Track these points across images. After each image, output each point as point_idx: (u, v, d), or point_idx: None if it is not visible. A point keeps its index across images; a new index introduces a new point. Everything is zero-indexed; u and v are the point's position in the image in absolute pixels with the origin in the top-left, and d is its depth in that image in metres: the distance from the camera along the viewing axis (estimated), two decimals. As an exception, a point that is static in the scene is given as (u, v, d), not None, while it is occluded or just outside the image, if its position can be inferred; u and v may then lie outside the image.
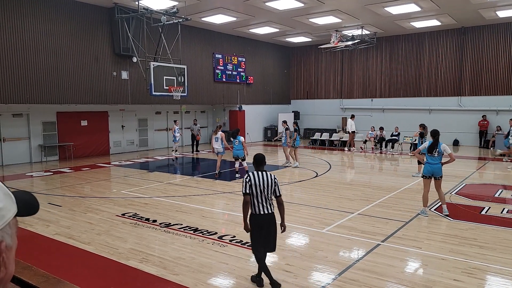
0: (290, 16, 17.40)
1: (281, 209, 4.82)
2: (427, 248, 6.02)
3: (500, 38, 19.29)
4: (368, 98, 23.46)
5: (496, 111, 19.44)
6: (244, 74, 22.70)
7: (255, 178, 4.71)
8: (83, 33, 15.08)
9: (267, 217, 4.72)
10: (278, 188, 4.76)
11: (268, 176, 4.76)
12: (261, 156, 4.92)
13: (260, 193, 4.69)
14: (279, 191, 4.77)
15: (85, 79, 15.24)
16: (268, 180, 4.72)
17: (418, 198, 9.31)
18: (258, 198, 4.71)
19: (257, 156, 4.91)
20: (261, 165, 4.88)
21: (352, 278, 4.95)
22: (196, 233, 6.74)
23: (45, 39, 13.99)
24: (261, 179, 4.71)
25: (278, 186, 4.77)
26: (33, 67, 13.78)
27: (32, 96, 13.85)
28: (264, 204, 4.71)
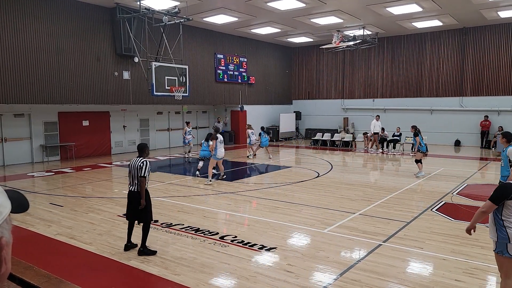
0: (292, 16, 17.41)
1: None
2: (428, 248, 6.01)
3: (501, 38, 19.26)
4: (370, 98, 23.43)
5: (498, 111, 19.40)
6: (245, 74, 22.71)
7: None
8: (84, 33, 15.12)
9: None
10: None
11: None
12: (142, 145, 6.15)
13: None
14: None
15: (86, 79, 15.27)
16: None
17: (419, 199, 9.30)
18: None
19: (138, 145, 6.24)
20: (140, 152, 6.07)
21: (354, 278, 4.95)
22: (197, 233, 6.74)
23: (46, 39, 14.03)
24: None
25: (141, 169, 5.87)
26: (35, 67, 13.81)
27: (33, 96, 13.89)
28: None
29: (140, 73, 15.34)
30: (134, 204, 5.85)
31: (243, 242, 6.28)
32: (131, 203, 5.90)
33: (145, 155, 6.04)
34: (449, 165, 14.40)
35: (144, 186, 5.79)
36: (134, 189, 5.86)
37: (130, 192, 5.93)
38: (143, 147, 6.08)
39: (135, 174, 5.83)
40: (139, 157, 5.93)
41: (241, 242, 6.30)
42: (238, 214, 8.16)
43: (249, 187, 10.86)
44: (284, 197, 9.49)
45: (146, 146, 6.14)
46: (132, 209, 5.89)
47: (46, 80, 14.11)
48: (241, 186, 10.94)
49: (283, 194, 9.83)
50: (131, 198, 5.92)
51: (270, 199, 9.32)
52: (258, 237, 6.54)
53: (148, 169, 5.83)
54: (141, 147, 6.07)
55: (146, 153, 6.08)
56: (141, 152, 6.02)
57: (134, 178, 5.84)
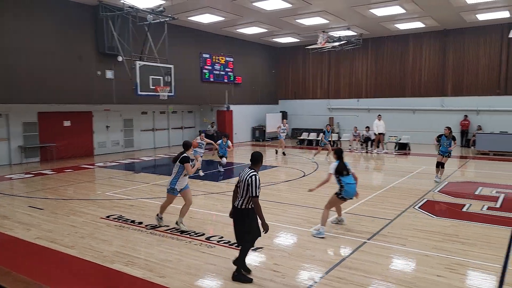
0: (278, 16, 17.45)
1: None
2: (411, 245, 6.11)
3: (480, 40, 19.72)
4: (355, 98, 23.69)
5: (477, 111, 19.86)
6: (232, 74, 22.66)
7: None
8: (66, 31, 14.81)
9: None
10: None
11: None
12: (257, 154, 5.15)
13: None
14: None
15: (68, 79, 14.96)
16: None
17: (403, 197, 9.45)
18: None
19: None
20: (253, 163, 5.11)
21: (339, 276, 5.00)
22: (183, 235, 6.69)
23: (26, 37, 13.68)
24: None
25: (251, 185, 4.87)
26: (14, 66, 13.46)
27: (12, 96, 13.52)
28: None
29: (124, 73, 15.12)
30: (237, 221, 5.03)
31: (229, 242, 6.26)
32: (234, 222, 5.07)
33: (258, 167, 5.04)
34: (431, 163, 14.65)
35: (259, 206, 4.84)
36: (237, 205, 4.98)
37: (235, 208, 5.04)
38: (258, 158, 5.04)
39: (244, 189, 4.86)
40: (250, 169, 4.97)
41: (228, 242, 6.27)
42: (224, 215, 8.11)
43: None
44: (270, 196, 9.50)
45: (261, 157, 5.10)
46: (236, 229, 5.06)
47: (26, 79, 13.77)
48: (228, 186, 10.90)
49: (270, 193, 9.84)
50: (233, 215, 5.07)
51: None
52: (244, 237, 6.52)
53: (259, 184, 4.87)
54: (255, 158, 5.04)
55: (258, 165, 5.06)
56: (254, 162, 5.04)
57: (242, 192, 4.90)
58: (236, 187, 5.06)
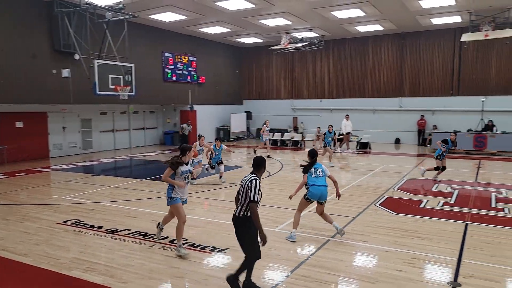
0: (241, 16, 17.44)
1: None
2: (373, 241, 6.28)
3: (435, 43, 20.73)
4: (317, 98, 24.14)
5: (432, 111, 20.86)
6: (195, 73, 22.38)
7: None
8: (18, 27, 13.99)
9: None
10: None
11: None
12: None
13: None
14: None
15: (20, 77, 14.13)
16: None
17: (365, 194, 9.71)
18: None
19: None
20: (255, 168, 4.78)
21: (304, 275, 5.04)
22: (146, 238, 6.50)
23: (-27, 33, 12.81)
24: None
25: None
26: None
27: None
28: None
29: (81, 71, 14.50)
30: (236, 231, 4.66)
31: (194, 244, 6.16)
32: (236, 231, 4.68)
33: (260, 172, 4.74)
34: (390, 162, 15.23)
35: (256, 212, 4.46)
36: (236, 213, 4.64)
37: (233, 216, 4.69)
38: (260, 163, 4.75)
39: (244, 194, 4.57)
40: (252, 174, 4.67)
41: (192, 245, 6.17)
42: (189, 216, 7.95)
43: (200, 188, 10.70)
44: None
45: (264, 162, 4.80)
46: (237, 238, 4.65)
47: (-26, 78, 12.88)
48: (192, 188, 10.73)
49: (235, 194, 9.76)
50: (234, 222, 4.69)
51: (221, 199, 9.25)
52: (210, 239, 6.45)
53: (259, 190, 4.54)
54: (257, 162, 4.75)
55: (260, 171, 4.75)
56: (256, 167, 4.73)
57: (242, 198, 4.60)
58: (238, 194, 4.72)
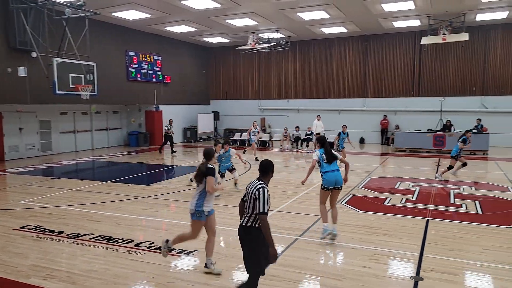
0: (207, 16, 17.29)
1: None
2: (339, 239, 6.39)
3: (396, 46, 21.49)
4: (285, 99, 24.38)
5: (395, 111, 21.61)
6: (160, 73, 21.96)
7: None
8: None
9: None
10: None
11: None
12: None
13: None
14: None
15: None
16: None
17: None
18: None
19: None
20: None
21: (273, 274, 5.05)
22: (109, 243, 6.29)
23: None
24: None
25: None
26: None
27: None
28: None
29: (39, 70, 13.83)
30: (242, 244, 4.25)
31: (161, 247, 6.01)
32: (240, 243, 4.27)
33: (267, 178, 4.29)
34: (356, 161, 15.59)
35: (267, 225, 3.96)
36: (243, 223, 4.20)
37: (240, 226, 4.26)
38: (267, 167, 4.31)
39: (251, 204, 4.11)
40: (258, 180, 4.21)
41: (159, 248, 6.02)
42: (155, 219, 7.81)
43: (167, 190, 10.49)
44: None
45: (271, 166, 4.33)
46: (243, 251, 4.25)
47: None
48: (158, 189, 10.52)
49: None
50: (239, 233, 4.26)
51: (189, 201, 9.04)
52: (177, 241, 6.32)
53: (268, 199, 4.05)
54: (264, 167, 4.31)
55: (268, 176, 4.30)
56: (263, 172, 4.30)
57: (249, 208, 4.16)
58: (242, 201, 4.35)
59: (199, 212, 5.25)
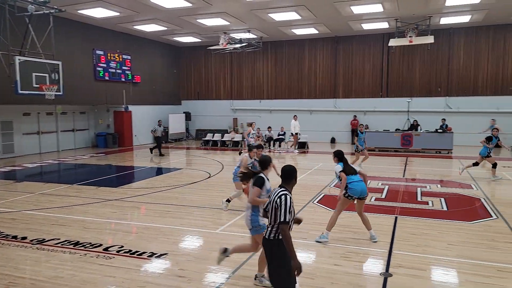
0: (178, 15, 17.06)
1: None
2: (311, 238, 6.46)
3: (365, 47, 22.00)
4: (257, 99, 24.42)
5: (364, 111, 22.12)
6: (129, 72, 21.46)
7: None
8: None
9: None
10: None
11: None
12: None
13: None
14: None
15: None
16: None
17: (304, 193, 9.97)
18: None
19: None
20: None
21: (245, 275, 5.03)
22: (77, 247, 6.07)
23: None
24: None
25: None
26: None
27: None
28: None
29: (1, 69, 13.18)
30: (266, 256, 3.88)
31: (130, 251, 5.88)
32: (265, 255, 3.90)
33: (290, 185, 3.91)
34: (327, 160, 15.82)
35: (288, 236, 3.62)
36: (267, 235, 3.85)
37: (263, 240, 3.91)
38: (290, 173, 3.92)
39: (273, 213, 3.79)
40: (280, 188, 3.86)
41: (129, 251, 5.88)
42: (124, 222, 7.61)
43: (137, 192, 10.25)
44: (175, 200, 9.20)
45: (294, 172, 3.95)
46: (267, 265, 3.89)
47: None
48: (128, 192, 10.26)
49: (174, 197, 9.53)
50: (264, 247, 3.93)
51: (160, 203, 8.94)
52: (148, 244, 6.19)
53: (290, 208, 3.70)
54: (286, 173, 3.93)
55: (291, 183, 3.92)
56: (287, 179, 3.92)
57: (271, 218, 3.83)
58: (265, 212, 4.08)
59: (257, 226, 4.85)
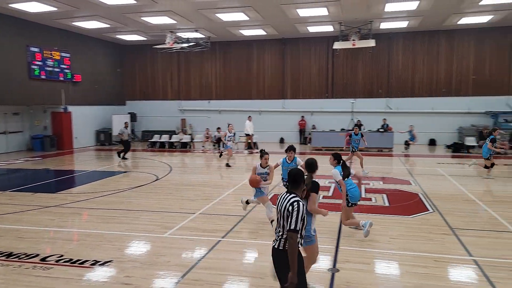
0: (121, 12, 16.37)
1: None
2: (262, 238, 6.49)
3: (311, 50, 22.62)
4: (206, 99, 24.16)
5: (311, 112, 22.74)
6: (69, 71, 20.24)
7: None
8: None
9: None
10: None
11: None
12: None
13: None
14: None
15: None
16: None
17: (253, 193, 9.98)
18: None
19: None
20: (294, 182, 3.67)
21: (195, 278, 4.94)
22: (10, 259, 5.59)
23: None
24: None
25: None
26: None
27: None
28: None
29: None
30: (277, 267, 3.60)
31: (71, 260, 5.53)
32: (275, 266, 3.63)
33: (299, 190, 3.62)
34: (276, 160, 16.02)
35: (295, 246, 3.40)
36: (276, 245, 3.60)
37: (273, 249, 3.65)
38: (298, 177, 3.63)
39: (284, 221, 3.51)
40: (289, 193, 3.59)
41: (69, 260, 5.53)
42: (65, 230, 7.14)
43: (78, 197, 9.68)
44: (120, 204, 8.80)
45: (302, 176, 3.66)
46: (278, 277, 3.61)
47: None
48: (68, 197, 9.66)
49: (119, 201, 9.12)
50: (274, 258, 3.65)
51: (104, 208, 8.50)
52: (90, 252, 5.86)
53: (303, 215, 3.44)
54: (295, 177, 3.63)
55: (301, 186, 3.64)
56: (294, 183, 3.63)
57: (282, 227, 3.56)
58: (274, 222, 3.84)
59: (309, 237, 4.55)
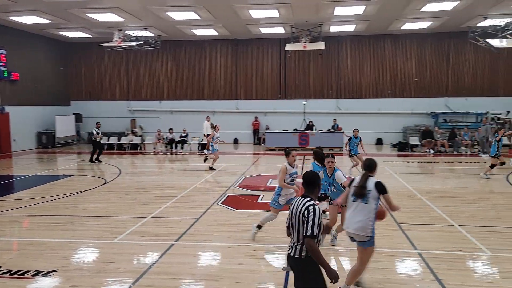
0: (63, 7, 15.47)
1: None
2: (216, 239, 6.44)
3: (264, 51, 22.84)
4: (157, 100, 23.54)
5: (265, 113, 22.96)
6: (5, 69, 18.80)
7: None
8: None
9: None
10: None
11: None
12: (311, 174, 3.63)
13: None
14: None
15: None
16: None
17: (207, 194, 9.89)
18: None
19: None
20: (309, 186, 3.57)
21: (148, 284, 4.80)
22: None
23: None
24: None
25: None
26: None
27: None
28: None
29: None
30: (296, 276, 3.46)
31: (10, 271, 5.16)
32: (295, 275, 3.48)
33: (315, 193, 3.54)
34: (231, 161, 16.04)
35: (317, 250, 3.30)
36: (292, 253, 3.45)
37: (289, 257, 3.51)
38: (313, 180, 3.54)
39: (300, 227, 3.38)
40: (304, 197, 3.47)
41: (8, 272, 5.15)
42: (3, 239, 6.62)
43: (18, 203, 9.01)
44: (64, 210, 8.32)
45: (318, 179, 3.58)
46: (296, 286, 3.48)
47: None
48: (6, 204, 8.97)
49: (64, 207, 8.61)
50: (291, 266, 3.50)
51: (46, 215, 7.99)
52: (32, 262, 5.48)
53: (318, 221, 3.32)
54: (310, 178, 3.54)
55: (317, 190, 3.56)
56: (310, 186, 3.52)
57: (297, 233, 3.42)
58: (288, 229, 3.67)
59: (373, 237, 4.34)
